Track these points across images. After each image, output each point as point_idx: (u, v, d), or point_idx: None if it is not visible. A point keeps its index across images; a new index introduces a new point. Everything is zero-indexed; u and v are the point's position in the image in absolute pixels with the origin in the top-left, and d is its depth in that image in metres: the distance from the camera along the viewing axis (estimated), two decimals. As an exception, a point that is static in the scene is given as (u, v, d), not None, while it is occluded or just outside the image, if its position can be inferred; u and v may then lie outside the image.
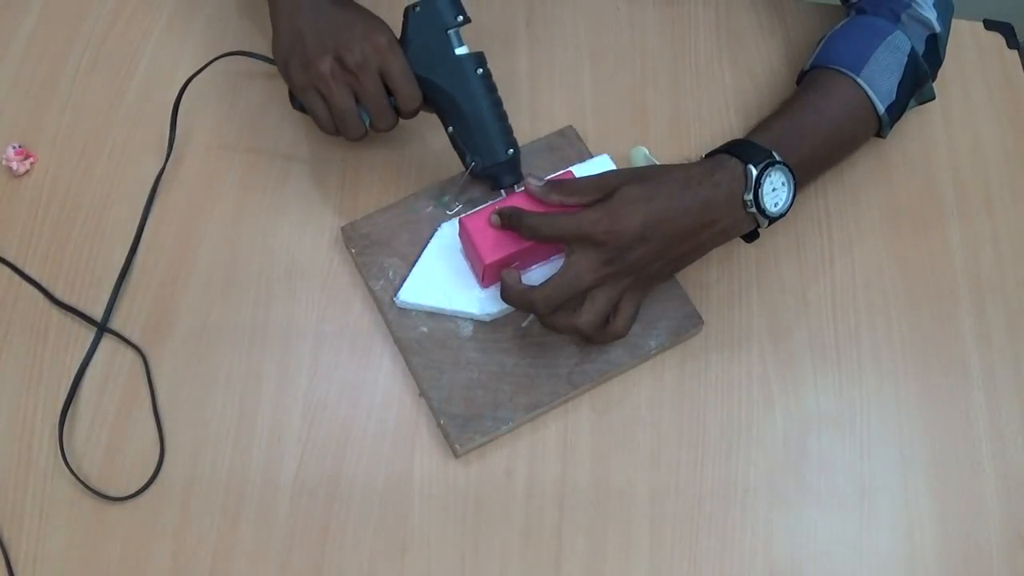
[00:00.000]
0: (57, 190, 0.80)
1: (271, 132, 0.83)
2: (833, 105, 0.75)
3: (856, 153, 0.82)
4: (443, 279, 0.74)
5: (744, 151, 0.68)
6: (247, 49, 0.79)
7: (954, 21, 0.86)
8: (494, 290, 0.73)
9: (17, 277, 0.75)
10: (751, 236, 0.71)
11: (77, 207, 0.79)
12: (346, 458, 0.70)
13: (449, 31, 0.72)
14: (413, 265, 0.75)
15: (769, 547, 0.68)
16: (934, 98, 0.81)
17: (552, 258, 0.74)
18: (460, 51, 0.72)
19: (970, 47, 0.91)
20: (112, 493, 0.67)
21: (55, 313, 0.74)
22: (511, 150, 0.73)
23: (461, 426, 0.69)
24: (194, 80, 0.79)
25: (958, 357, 0.75)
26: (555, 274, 0.66)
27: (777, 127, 0.72)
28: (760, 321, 0.76)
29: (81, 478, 0.68)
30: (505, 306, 0.72)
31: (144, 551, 0.66)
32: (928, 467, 0.71)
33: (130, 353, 0.73)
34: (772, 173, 0.67)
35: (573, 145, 0.82)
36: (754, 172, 0.66)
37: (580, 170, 0.75)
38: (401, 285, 0.74)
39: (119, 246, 0.77)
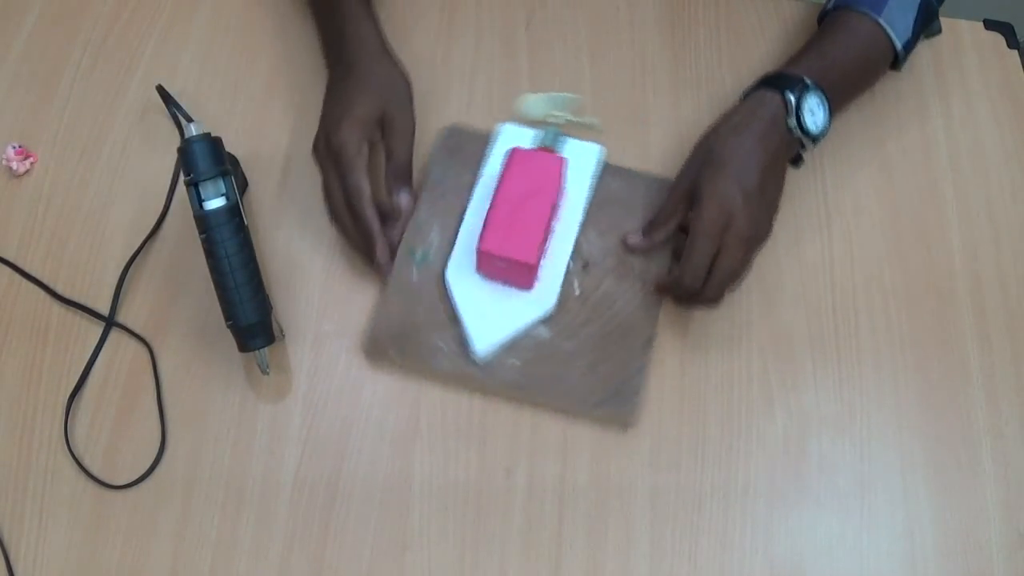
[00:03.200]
0: (57, 190, 0.80)
1: (272, 131, 0.83)
2: (856, 43, 0.78)
3: (857, 153, 0.83)
4: (496, 307, 0.72)
5: (777, 82, 0.74)
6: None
7: (954, 21, 0.86)
8: (538, 284, 0.73)
9: (18, 276, 0.75)
10: (796, 160, 0.77)
11: (77, 207, 0.79)
12: (346, 457, 0.70)
13: (190, 187, 0.68)
14: (457, 321, 0.72)
15: (769, 547, 0.68)
16: (940, 31, 0.85)
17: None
18: (208, 205, 0.68)
19: (970, 47, 0.91)
20: (113, 482, 0.68)
21: (56, 310, 0.74)
22: (255, 315, 0.69)
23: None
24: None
25: (958, 357, 0.75)
26: (718, 270, 0.69)
27: (805, 61, 0.76)
28: (760, 321, 0.76)
29: (84, 466, 0.68)
30: (557, 288, 0.73)
31: (144, 542, 0.66)
32: (928, 467, 0.71)
33: (133, 346, 0.73)
34: (808, 97, 0.73)
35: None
36: (792, 98, 0.72)
37: (569, 148, 0.77)
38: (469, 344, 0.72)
39: (120, 244, 0.77)
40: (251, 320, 0.69)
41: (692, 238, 0.69)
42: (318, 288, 0.76)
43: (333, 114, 0.73)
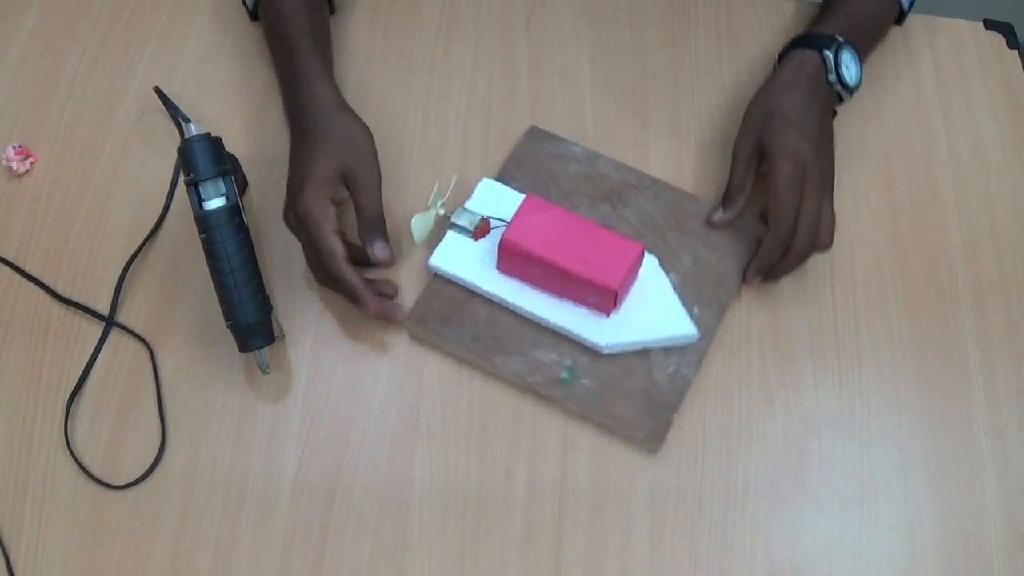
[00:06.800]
0: (57, 190, 0.80)
1: (272, 131, 0.83)
2: (870, 2, 0.85)
3: (857, 153, 0.83)
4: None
5: (810, 41, 0.78)
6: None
7: (954, 21, 0.86)
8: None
9: (18, 276, 0.76)
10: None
11: (77, 207, 0.79)
12: (346, 457, 0.70)
13: (190, 187, 0.68)
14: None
15: (769, 547, 0.68)
16: None
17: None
18: (208, 205, 0.68)
19: (970, 47, 0.91)
20: (113, 482, 0.68)
21: (57, 310, 0.74)
22: (255, 315, 0.69)
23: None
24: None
25: (958, 357, 0.75)
26: (804, 220, 0.72)
27: (832, 21, 0.81)
28: (760, 321, 0.76)
29: (84, 466, 0.68)
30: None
31: (144, 542, 0.66)
32: (928, 467, 0.71)
33: (133, 346, 0.73)
34: (843, 53, 0.77)
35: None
36: (830, 56, 0.77)
37: (471, 202, 0.76)
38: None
39: (120, 244, 0.77)
40: (251, 320, 0.69)
41: (775, 195, 0.72)
42: (318, 288, 0.76)
43: (295, 181, 0.72)
